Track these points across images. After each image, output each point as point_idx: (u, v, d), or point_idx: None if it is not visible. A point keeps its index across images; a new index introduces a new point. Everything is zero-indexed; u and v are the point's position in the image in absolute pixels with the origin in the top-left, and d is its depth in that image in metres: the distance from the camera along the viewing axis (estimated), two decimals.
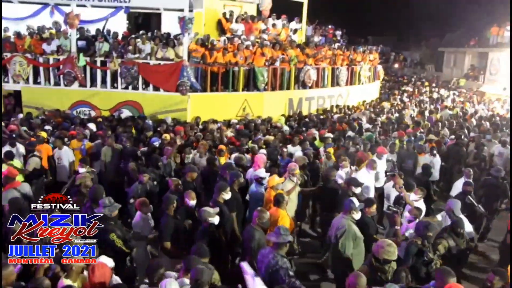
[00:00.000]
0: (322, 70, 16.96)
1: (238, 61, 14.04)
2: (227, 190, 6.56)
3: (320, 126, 12.93)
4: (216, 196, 6.51)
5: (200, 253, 5.03)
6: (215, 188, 6.64)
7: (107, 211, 5.74)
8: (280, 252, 5.15)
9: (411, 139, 11.32)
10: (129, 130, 10.93)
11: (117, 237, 5.59)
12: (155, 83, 13.28)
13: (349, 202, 6.28)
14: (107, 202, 5.82)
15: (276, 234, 5.21)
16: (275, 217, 6.33)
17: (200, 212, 5.89)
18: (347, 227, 6.00)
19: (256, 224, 5.79)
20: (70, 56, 13.09)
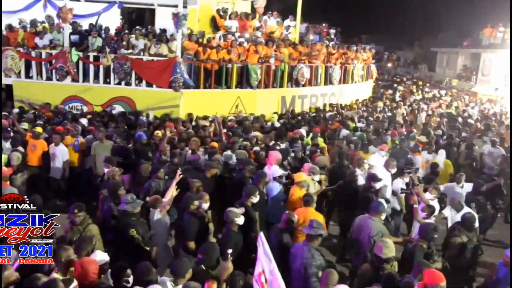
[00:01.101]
0: (316, 69, 16.93)
1: (232, 58, 13.97)
2: (256, 194, 6.57)
3: (313, 124, 12.92)
4: (245, 200, 6.50)
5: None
6: (243, 192, 6.61)
7: (130, 207, 5.83)
8: (313, 245, 5.34)
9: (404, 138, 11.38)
10: (121, 126, 10.85)
11: (136, 233, 5.62)
12: (148, 79, 13.19)
13: (379, 204, 6.29)
14: (129, 198, 5.91)
15: (310, 226, 5.43)
16: (306, 216, 6.30)
17: (227, 213, 5.85)
18: (383, 231, 6.02)
19: (283, 227, 5.87)
20: (63, 50, 12.95)
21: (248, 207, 6.36)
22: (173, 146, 9.22)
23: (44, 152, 9.14)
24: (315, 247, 5.37)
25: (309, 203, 6.54)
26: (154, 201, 6.35)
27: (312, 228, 5.41)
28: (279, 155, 8.38)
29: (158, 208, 6.28)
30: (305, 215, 6.30)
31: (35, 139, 9.08)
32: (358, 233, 6.21)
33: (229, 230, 5.79)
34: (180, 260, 4.77)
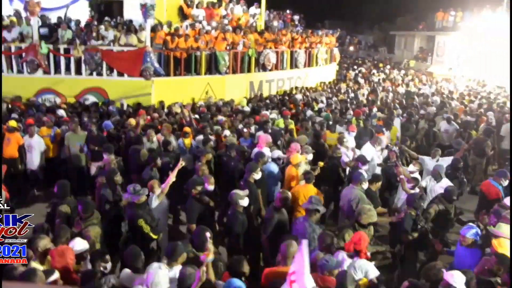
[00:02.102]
0: (281, 54, 17.02)
1: (200, 46, 13.90)
2: (258, 170, 6.69)
3: (281, 107, 13.03)
4: (248, 176, 6.60)
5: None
6: (246, 169, 6.73)
7: (131, 199, 5.78)
8: (311, 220, 5.56)
9: (367, 117, 11.64)
10: (94, 116, 10.70)
11: (145, 223, 5.58)
12: (119, 69, 12.98)
13: (359, 174, 6.65)
14: (132, 189, 5.79)
15: (309, 202, 5.68)
16: (307, 192, 6.53)
17: (232, 195, 5.85)
18: (360, 196, 6.35)
19: (279, 205, 5.97)
20: (33, 43, 12.59)
21: (250, 183, 6.52)
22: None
23: (20, 145, 8.90)
24: (314, 222, 5.58)
25: (310, 180, 6.77)
26: (151, 186, 6.32)
27: (310, 203, 5.63)
28: (269, 138, 8.59)
29: (156, 193, 6.28)
30: (306, 192, 6.55)
31: (10, 133, 8.85)
32: (343, 201, 6.62)
33: (235, 211, 5.81)
34: (174, 244, 4.68)
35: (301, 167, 7.40)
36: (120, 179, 6.68)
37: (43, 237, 4.59)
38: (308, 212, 5.67)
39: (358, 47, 46.53)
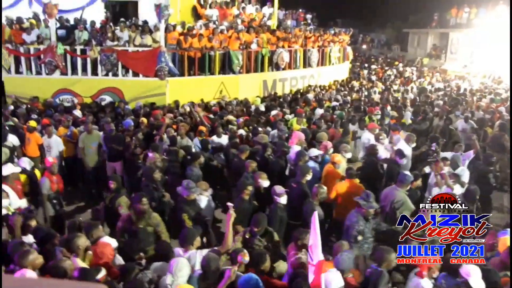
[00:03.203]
0: (295, 52, 16.90)
1: (214, 45, 13.87)
2: (310, 172, 6.73)
3: (294, 105, 12.93)
4: (300, 178, 6.61)
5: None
6: (298, 171, 6.74)
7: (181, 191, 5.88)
8: (361, 213, 5.60)
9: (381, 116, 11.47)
10: (111, 115, 10.74)
11: (188, 218, 5.65)
12: (134, 69, 13.02)
13: (404, 175, 6.48)
14: (185, 184, 5.90)
15: (362, 198, 5.69)
16: (351, 187, 6.66)
17: (272, 191, 5.96)
18: (404, 200, 6.23)
19: (316, 199, 5.98)
20: (51, 45, 12.70)
21: (303, 185, 6.52)
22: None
23: (39, 144, 8.98)
24: (362, 216, 5.61)
25: (352, 176, 6.83)
26: (201, 187, 6.38)
27: (361, 199, 5.67)
28: (302, 135, 8.62)
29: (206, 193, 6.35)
30: (350, 187, 6.64)
31: (30, 133, 8.93)
32: (383, 201, 6.48)
33: (276, 207, 5.88)
34: (187, 229, 4.90)
35: (341, 166, 7.42)
36: (160, 176, 6.71)
37: (81, 235, 4.63)
38: (359, 205, 5.69)
39: (370, 45, 46.08)
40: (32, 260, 4.14)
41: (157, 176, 6.65)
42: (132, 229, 5.34)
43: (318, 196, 6.01)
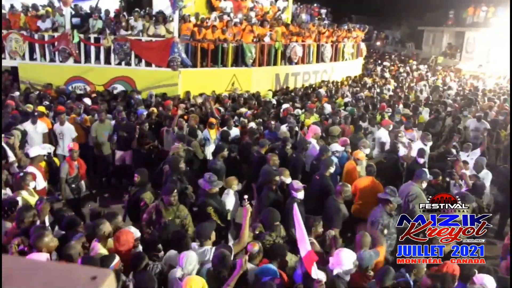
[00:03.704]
0: (308, 47, 16.74)
1: (227, 37, 13.77)
2: (333, 164, 6.77)
3: (306, 100, 12.82)
4: (324, 171, 6.62)
5: None
6: (321, 164, 6.77)
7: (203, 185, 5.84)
8: (385, 208, 5.59)
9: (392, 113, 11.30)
10: (121, 104, 10.72)
11: (214, 211, 5.62)
12: (147, 58, 12.98)
13: (422, 172, 6.51)
14: (207, 177, 5.86)
15: (385, 193, 5.71)
16: (371, 184, 6.65)
17: (290, 186, 5.95)
18: (418, 194, 6.26)
19: (340, 197, 5.94)
20: (65, 33, 12.71)
21: (326, 178, 6.54)
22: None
23: (49, 130, 8.98)
24: (388, 210, 5.59)
25: (371, 173, 6.82)
26: (230, 182, 6.35)
27: (386, 194, 5.67)
28: (318, 130, 8.58)
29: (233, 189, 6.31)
30: (368, 184, 6.64)
31: (40, 118, 8.93)
32: (401, 197, 6.41)
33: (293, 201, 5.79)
34: (203, 224, 4.87)
35: (361, 162, 7.40)
36: (184, 166, 6.67)
37: (105, 221, 4.66)
38: (382, 201, 5.69)
39: (385, 42, 45.60)
40: (47, 242, 4.18)
41: (182, 166, 6.60)
42: (160, 221, 5.28)
43: (343, 195, 5.96)
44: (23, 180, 5.72)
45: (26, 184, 5.69)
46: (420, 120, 11.50)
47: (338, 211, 5.81)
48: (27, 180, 5.72)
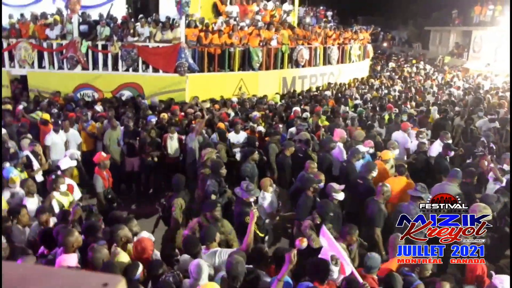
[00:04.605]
0: (314, 50, 16.70)
1: (233, 42, 13.79)
2: (376, 168, 6.74)
3: (313, 103, 12.80)
4: (367, 174, 6.65)
5: None
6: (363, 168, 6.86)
7: (240, 194, 5.74)
8: (417, 205, 5.51)
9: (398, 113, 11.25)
10: (130, 110, 10.77)
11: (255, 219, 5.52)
12: (154, 64, 12.99)
13: (456, 172, 6.53)
14: (244, 187, 5.76)
15: (415, 189, 5.88)
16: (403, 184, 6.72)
17: (328, 188, 5.92)
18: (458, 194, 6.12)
19: (381, 197, 5.98)
20: (73, 40, 12.80)
21: (369, 181, 6.59)
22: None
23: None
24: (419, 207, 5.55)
25: (402, 173, 6.90)
26: (264, 184, 6.34)
27: (417, 191, 5.81)
28: (343, 133, 8.60)
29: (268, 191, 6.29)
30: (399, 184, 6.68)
31: (44, 126, 9.00)
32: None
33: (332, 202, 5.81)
34: (208, 227, 4.83)
35: (389, 162, 7.50)
36: (225, 171, 6.66)
37: (124, 227, 4.67)
38: (413, 198, 5.78)
39: (391, 43, 45.43)
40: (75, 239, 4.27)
41: (223, 171, 6.59)
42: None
43: (384, 195, 5.96)
44: (55, 182, 5.95)
45: (58, 186, 5.91)
46: (430, 120, 11.43)
47: (379, 211, 5.85)
48: (59, 182, 5.95)
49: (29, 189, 5.93)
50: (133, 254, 4.55)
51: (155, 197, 8.91)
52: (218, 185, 6.40)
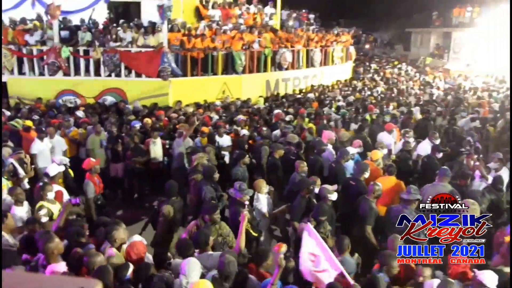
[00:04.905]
0: (297, 52, 16.81)
1: (216, 45, 13.80)
2: (368, 169, 6.84)
3: (297, 105, 12.88)
4: (358, 175, 6.80)
5: None
6: (356, 169, 7.01)
7: (234, 194, 5.84)
8: (411, 208, 5.66)
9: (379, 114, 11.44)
10: (113, 116, 10.70)
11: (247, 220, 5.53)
12: (137, 69, 12.94)
13: (445, 170, 6.64)
14: (238, 187, 5.86)
15: (408, 192, 5.84)
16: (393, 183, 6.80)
17: (321, 189, 6.01)
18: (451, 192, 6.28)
19: (371, 196, 6.06)
20: (54, 46, 12.67)
21: (360, 182, 6.69)
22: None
23: None
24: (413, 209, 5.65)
25: (392, 173, 6.99)
26: (258, 185, 6.38)
27: (411, 193, 5.79)
28: (332, 135, 8.71)
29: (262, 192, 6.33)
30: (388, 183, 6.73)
31: (26, 132, 8.89)
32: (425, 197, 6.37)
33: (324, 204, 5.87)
34: (201, 231, 4.89)
35: (377, 162, 7.61)
36: (218, 176, 6.69)
37: (119, 228, 4.73)
38: (407, 201, 5.78)
39: (373, 44, 45.84)
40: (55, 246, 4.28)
41: (216, 176, 6.63)
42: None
43: (375, 194, 6.05)
44: (43, 190, 5.90)
45: (45, 194, 5.86)
46: (412, 121, 11.59)
47: (370, 209, 5.93)
48: (46, 190, 5.91)
49: (17, 198, 5.87)
50: (126, 257, 4.59)
51: (139, 203, 8.91)
52: (214, 190, 6.44)
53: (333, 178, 7.24)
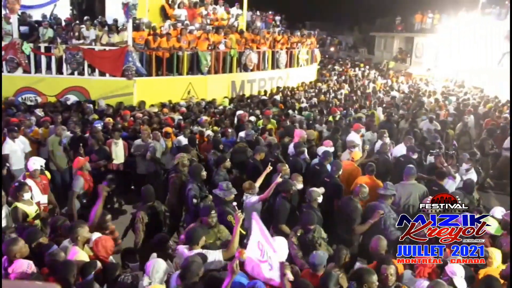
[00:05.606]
0: (263, 54, 17.03)
1: (182, 45, 13.83)
2: (341, 167, 7.03)
3: (262, 107, 13.05)
4: (334, 173, 7.00)
5: None
6: (333, 167, 7.10)
7: (222, 194, 5.82)
8: (387, 203, 5.99)
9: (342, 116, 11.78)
10: (76, 115, 10.55)
11: (233, 219, 5.47)
12: (101, 68, 12.80)
13: (411, 169, 6.98)
14: (224, 186, 5.86)
15: (384, 188, 6.20)
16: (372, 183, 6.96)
17: (310, 192, 6.05)
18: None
19: (358, 197, 6.19)
20: (13, 41, 12.34)
21: (336, 179, 6.96)
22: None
23: None
24: (389, 205, 5.90)
25: (372, 172, 7.25)
26: (248, 186, 6.44)
27: (387, 189, 6.14)
28: (303, 133, 8.96)
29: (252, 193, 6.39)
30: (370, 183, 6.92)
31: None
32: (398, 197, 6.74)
33: (312, 207, 5.95)
34: (193, 228, 4.91)
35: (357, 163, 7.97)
36: (205, 174, 6.70)
37: (83, 226, 4.72)
38: (383, 196, 6.08)
39: (338, 47, 46.78)
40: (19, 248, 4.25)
41: (204, 174, 6.64)
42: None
43: (360, 195, 6.20)
44: (18, 190, 5.80)
45: (21, 195, 5.76)
46: (376, 122, 11.94)
47: (356, 209, 6.11)
48: (23, 190, 5.81)
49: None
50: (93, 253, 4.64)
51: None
52: (199, 189, 6.46)
53: (314, 179, 7.33)
